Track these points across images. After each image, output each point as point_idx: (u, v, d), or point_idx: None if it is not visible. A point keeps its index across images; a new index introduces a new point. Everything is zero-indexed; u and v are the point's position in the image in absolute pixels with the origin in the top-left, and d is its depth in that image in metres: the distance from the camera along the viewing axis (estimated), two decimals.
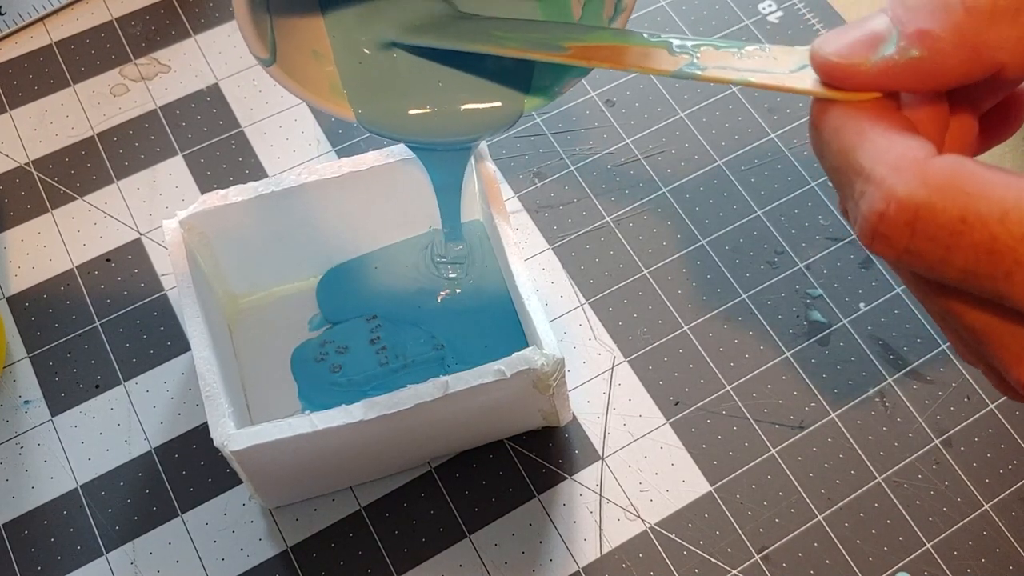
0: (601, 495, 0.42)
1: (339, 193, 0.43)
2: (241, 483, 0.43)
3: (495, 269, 0.46)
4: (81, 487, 0.43)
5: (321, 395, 0.44)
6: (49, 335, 0.46)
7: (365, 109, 0.37)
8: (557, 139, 0.51)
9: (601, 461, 0.43)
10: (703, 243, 0.48)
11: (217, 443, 0.37)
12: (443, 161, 0.40)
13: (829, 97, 0.23)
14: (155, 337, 0.46)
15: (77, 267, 0.48)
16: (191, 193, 0.50)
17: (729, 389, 0.45)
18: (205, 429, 0.43)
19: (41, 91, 0.53)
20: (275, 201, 0.42)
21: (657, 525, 0.42)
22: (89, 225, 0.49)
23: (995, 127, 0.26)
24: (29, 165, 0.51)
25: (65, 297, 0.47)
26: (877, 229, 0.22)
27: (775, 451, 0.43)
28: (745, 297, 0.47)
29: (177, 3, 0.55)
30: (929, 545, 0.41)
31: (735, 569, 0.41)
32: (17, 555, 0.42)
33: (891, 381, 0.45)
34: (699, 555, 0.41)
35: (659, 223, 0.49)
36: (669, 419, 0.44)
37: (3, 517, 0.42)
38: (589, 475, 0.43)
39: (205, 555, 0.41)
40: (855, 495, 0.42)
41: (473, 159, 0.43)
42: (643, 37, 0.29)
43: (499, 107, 0.37)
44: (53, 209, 0.49)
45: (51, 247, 0.48)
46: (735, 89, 0.52)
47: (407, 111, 0.37)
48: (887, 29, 0.22)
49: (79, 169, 0.50)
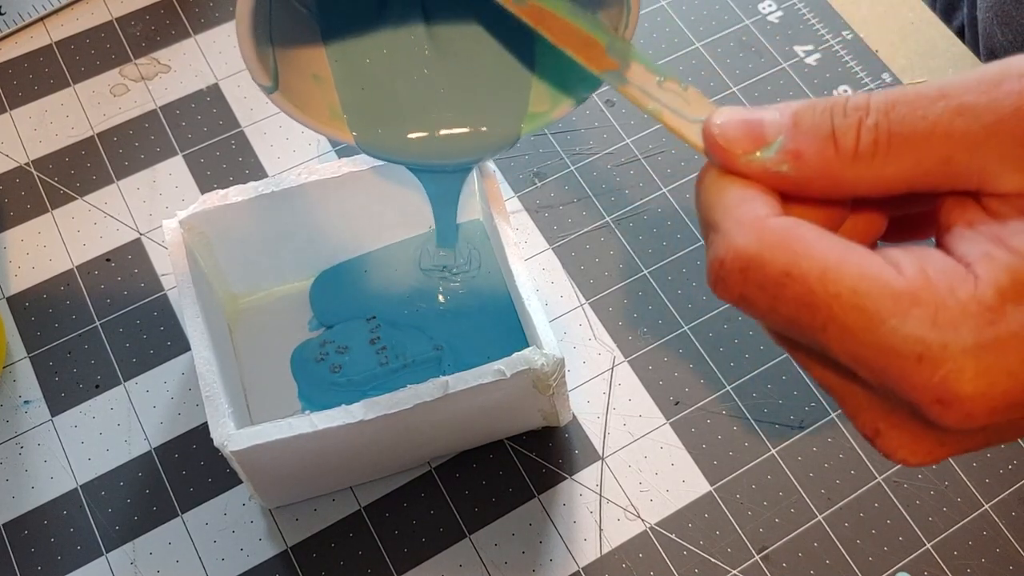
0: (601, 495, 0.42)
1: (339, 193, 0.43)
2: (241, 483, 0.43)
3: (495, 269, 0.46)
4: (81, 487, 0.43)
5: (321, 395, 0.44)
6: (49, 335, 0.46)
7: (364, 133, 0.37)
8: (557, 139, 0.51)
9: (601, 461, 0.43)
10: (703, 243, 0.48)
11: (217, 443, 0.37)
12: (441, 181, 0.41)
13: (710, 160, 0.26)
14: (155, 337, 0.46)
15: (77, 267, 0.48)
16: (191, 193, 0.50)
17: (729, 389, 0.45)
18: (205, 429, 0.43)
19: (41, 91, 0.53)
20: (275, 201, 0.42)
21: (657, 525, 0.42)
22: (89, 225, 0.49)
23: (911, 228, 0.28)
24: (29, 165, 0.51)
25: (65, 297, 0.47)
26: (717, 274, 0.24)
27: (775, 451, 0.43)
28: None
29: (177, 3, 0.55)
30: (929, 545, 0.41)
31: (735, 569, 0.41)
32: (17, 555, 0.42)
33: None
34: (699, 555, 0.41)
35: (659, 223, 0.49)
36: (669, 419, 0.44)
37: (3, 517, 0.42)
38: (589, 475, 0.43)
39: (205, 555, 0.41)
40: (855, 495, 0.42)
41: None
42: (595, 23, 0.30)
43: (496, 131, 0.38)
44: (53, 209, 0.49)
45: (51, 247, 0.48)
46: (735, 88, 0.52)
47: (406, 135, 0.38)
48: (773, 132, 0.25)
49: (79, 169, 0.50)
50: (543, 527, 0.42)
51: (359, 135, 0.37)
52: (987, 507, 0.42)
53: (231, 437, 0.37)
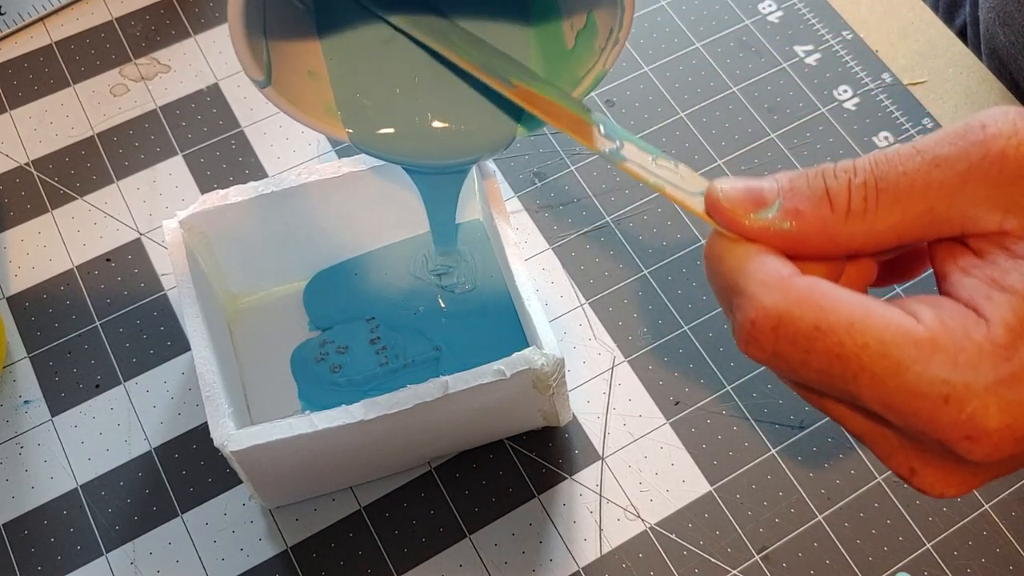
0: (601, 495, 0.42)
1: (339, 193, 0.43)
2: (241, 483, 0.43)
3: (495, 269, 0.46)
4: (81, 487, 0.43)
5: (321, 395, 0.44)
6: (49, 335, 0.46)
7: (359, 130, 0.37)
8: (557, 139, 0.51)
9: (601, 461, 0.43)
10: (703, 243, 0.48)
11: (217, 443, 0.37)
12: (437, 184, 0.40)
13: (718, 229, 0.28)
14: (155, 337, 0.46)
15: (77, 267, 0.48)
16: (191, 193, 0.50)
17: (729, 389, 0.45)
18: (205, 429, 0.43)
19: (41, 91, 0.53)
20: (275, 201, 0.42)
21: (657, 525, 0.42)
22: (89, 225, 0.49)
23: (899, 272, 0.30)
24: (29, 165, 0.51)
25: (65, 297, 0.47)
26: (750, 334, 0.26)
27: (775, 451, 0.43)
28: None
29: (177, 3, 0.55)
30: (929, 545, 0.41)
31: (735, 569, 0.41)
32: (17, 555, 0.42)
33: None
34: (699, 555, 0.41)
35: (659, 223, 0.49)
36: (669, 419, 0.44)
37: (3, 517, 0.42)
38: (589, 475, 0.43)
39: (205, 555, 0.41)
40: (855, 495, 0.42)
41: None
42: (580, 106, 0.32)
43: (492, 131, 0.38)
44: (53, 209, 0.49)
45: (51, 247, 0.48)
46: (735, 88, 0.52)
47: (401, 134, 0.38)
48: (772, 196, 0.27)
49: (79, 169, 0.50)
50: (543, 527, 0.42)
51: (354, 132, 0.37)
52: (987, 507, 0.42)
53: (231, 437, 0.37)
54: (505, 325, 0.45)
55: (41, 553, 0.42)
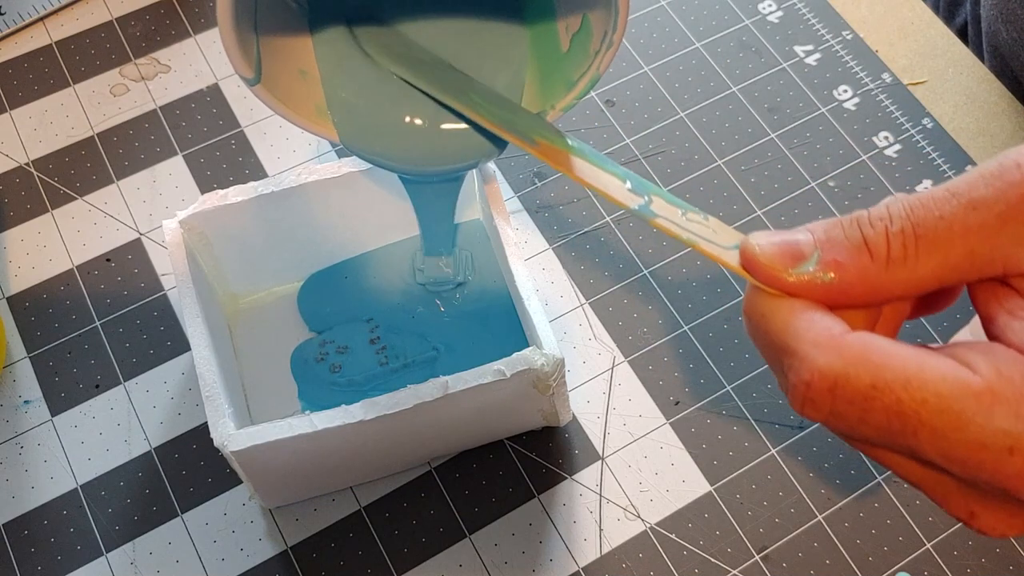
0: (601, 495, 0.42)
1: (339, 193, 0.43)
2: (241, 483, 0.43)
3: (494, 270, 0.46)
4: (81, 487, 0.43)
5: (321, 395, 0.44)
6: (49, 335, 0.46)
7: (349, 132, 0.37)
8: None
9: (601, 461, 0.43)
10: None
11: (217, 443, 0.37)
12: (431, 193, 0.40)
13: (756, 285, 0.27)
14: (155, 337, 0.46)
15: (77, 267, 0.48)
16: (191, 193, 0.50)
17: (729, 389, 0.45)
18: (205, 429, 0.43)
19: (41, 91, 0.53)
20: (275, 201, 0.42)
21: (657, 525, 0.42)
22: (89, 225, 0.49)
23: (929, 305, 0.30)
24: (29, 165, 0.51)
25: (65, 297, 0.47)
26: (805, 395, 0.26)
27: (775, 451, 0.43)
28: None
29: (177, 3, 0.55)
30: (929, 545, 0.41)
31: (735, 569, 0.41)
32: (17, 555, 0.42)
33: None
34: (699, 555, 0.41)
35: None
36: (669, 419, 0.44)
37: (3, 517, 0.42)
38: (589, 475, 0.43)
39: (205, 555, 0.42)
40: (855, 495, 0.42)
41: None
42: (604, 162, 0.32)
43: (486, 136, 0.37)
44: (53, 209, 0.49)
45: (51, 247, 0.48)
46: (735, 88, 0.52)
47: (393, 137, 0.37)
48: (810, 249, 0.27)
49: (79, 169, 0.51)
50: (543, 527, 0.42)
51: (343, 134, 0.37)
52: None
53: (231, 437, 0.37)
54: (505, 325, 0.45)
55: (41, 553, 0.42)
